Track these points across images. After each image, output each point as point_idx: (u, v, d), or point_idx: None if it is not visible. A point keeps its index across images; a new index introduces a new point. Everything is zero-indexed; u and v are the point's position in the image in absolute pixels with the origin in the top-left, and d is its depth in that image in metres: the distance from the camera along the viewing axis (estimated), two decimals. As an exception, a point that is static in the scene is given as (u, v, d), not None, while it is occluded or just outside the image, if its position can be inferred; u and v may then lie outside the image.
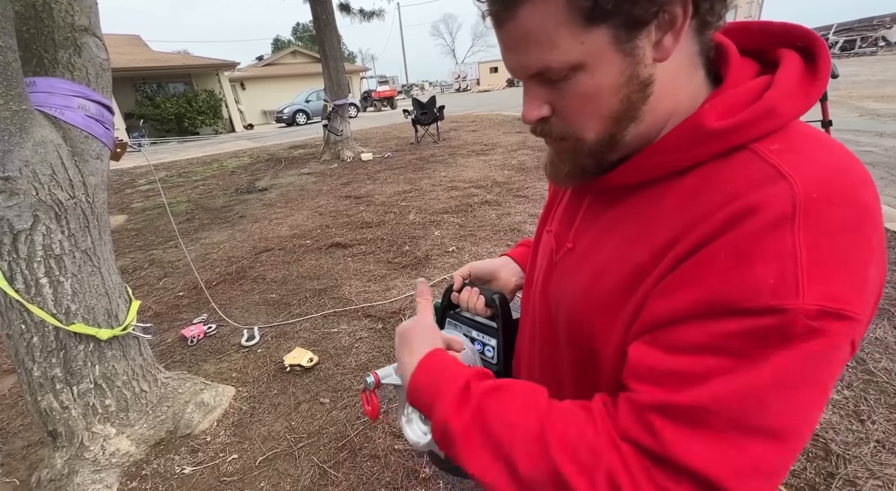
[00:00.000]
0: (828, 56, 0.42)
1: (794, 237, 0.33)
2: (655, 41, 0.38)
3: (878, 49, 20.94)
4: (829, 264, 0.33)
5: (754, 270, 0.34)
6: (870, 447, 1.42)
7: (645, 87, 0.40)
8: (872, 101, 7.66)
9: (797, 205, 0.34)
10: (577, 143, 0.44)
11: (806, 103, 0.40)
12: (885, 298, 2.15)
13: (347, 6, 9.92)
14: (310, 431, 1.79)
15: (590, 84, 0.40)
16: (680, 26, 0.37)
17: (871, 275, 0.34)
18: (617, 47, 0.38)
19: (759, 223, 0.34)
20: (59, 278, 1.47)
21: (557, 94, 0.42)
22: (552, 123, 0.45)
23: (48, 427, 1.56)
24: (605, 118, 0.42)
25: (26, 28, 1.37)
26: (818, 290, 0.32)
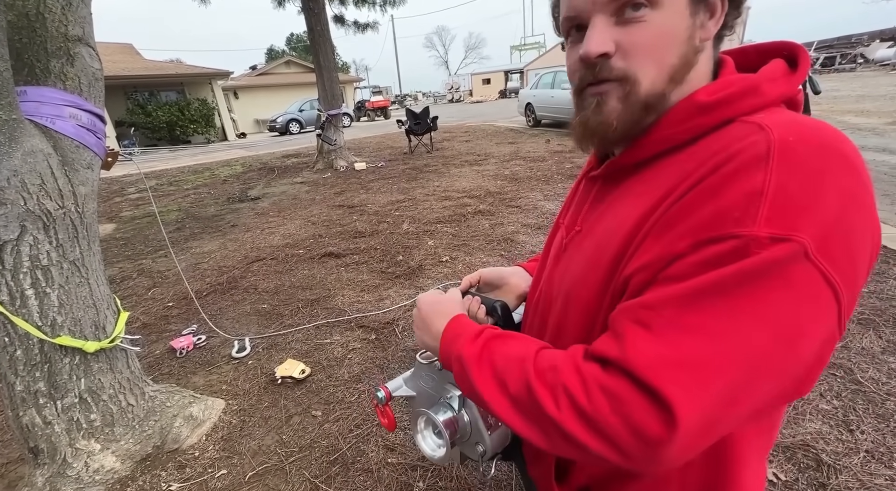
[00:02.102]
0: (807, 57, 0.47)
1: (766, 174, 0.36)
2: (703, 21, 0.45)
3: (857, 66, 21.66)
4: (794, 199, 0.35)
5: (723, 204, 0.37)
6: (860, 457, 1.43)
7: (696, 54, 0.46)
8: (853, 116, 7.89)
9: (772, 146, 0.37)
10: (633, 87, 0.45)
11: (788, 87, 0.45)
12: (870, 309, 2.19)
13: (342, 18, 10.01)
14: (301, 444, 1.76)
15: (663, 26, 0.44)
16: (719, 16, 0.46)
17: (848, 219, 0.35)
18: (689, 4, 0.44)
19: (736, 164, 0.37)
20: (46, 290, 1.44)
21: (627, 33, 0.44)
22: (611, 63, 0.45)
23: (29, 443, 1.51)
24: (664, 67, 0.45)
25: (18, 37, 1.36)
26: (777, 220, 0.34)
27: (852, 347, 1.94)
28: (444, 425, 0.60)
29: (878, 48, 21.62)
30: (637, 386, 0.35)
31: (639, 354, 0.36)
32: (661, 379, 0.34)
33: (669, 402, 0.33)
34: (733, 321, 0.35)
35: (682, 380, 0.34)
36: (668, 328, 0.36)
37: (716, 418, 0.35)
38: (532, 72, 25.37)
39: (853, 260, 0.36)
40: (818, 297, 0.35)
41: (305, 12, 7.67)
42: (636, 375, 0.35)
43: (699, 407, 0.34)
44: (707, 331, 0.35)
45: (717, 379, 0.34)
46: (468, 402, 0.62)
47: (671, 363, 0.35)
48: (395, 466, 1.61)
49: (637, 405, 0.35)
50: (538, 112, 10.72)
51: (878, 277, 2.47)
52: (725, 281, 0.35)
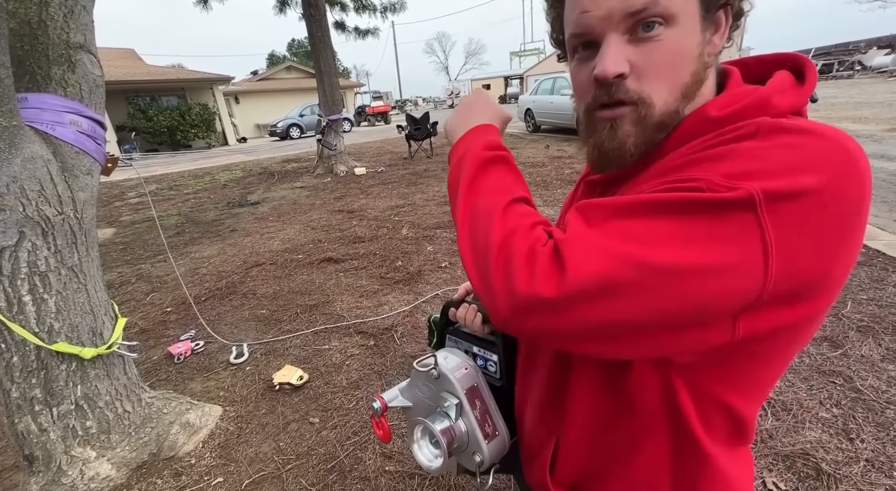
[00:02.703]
0: (814, 69, 0.47)
1: (746, 143, 0.38)
2: (710, 36, 0.46)
3: (854, 73, 21.81)
4: (761, 162, 0.36)
5: (697, 158, 0.40)
6: (860, 466, 1.42)
7: (705, 69, 0.46)
8: (851, 123, 7.93)
9: (761, 126, 0.38)
10: (646, 108, 0.45)
11: (797, 99, 0.45)
12: (869, 316, 2.19)
13: (343, 24, 10.09)
14: (298, 452, 1.75)
15: (677, 43, 0.43)
16: (724, 31, 0.46)
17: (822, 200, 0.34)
18: (700, 19, 0.44)
19: (725, 139, 0.40)
20: (44, 296, 1.44)
21: (641, 52, 0.44)
22: (626, 85, 0.45)
23: (24, 451, 1.50)
24: (676, 87, 0.45)
25: (20, 44, 1.37)
26: (735, 174, 0.36)
27: (851, 355, 1.93)
28: (441, 434, 0.60)
29: (875, 55, 21.79)
30: (553, 251, 0.39)
31: (568, 234, 0.40)
32: (571, 249, 0.38)
33: (566, 264, 0.37)
34: (656, 234, 0.36)
35: (586, 255, 0.37)
36: (599, 222, 0.39)
37: (596, 302, 0.36)
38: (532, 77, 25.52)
39: (803, 244, 0.34)
40: (747, 249, 0.34)
41: (306, 18, 7.72)
42: (557, 244, 0.39)
43: (587, 281, 0.36)
44: (628, 233, 0.37)
45: (615, 270, 0.36)
46: (465, 410, 0.61)
47: (585, 242, 0.38)
48: (393, 475, 1.60)
49: (543, 261, 0.38)
50: (537, 117, 10.77)
51: (876, 284, 2.47)
52: (666, 201, 0.37)
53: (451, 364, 0.65)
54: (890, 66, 19.72)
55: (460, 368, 0.65)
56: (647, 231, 0.37)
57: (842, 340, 2.03)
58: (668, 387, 0.45)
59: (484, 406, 0.63)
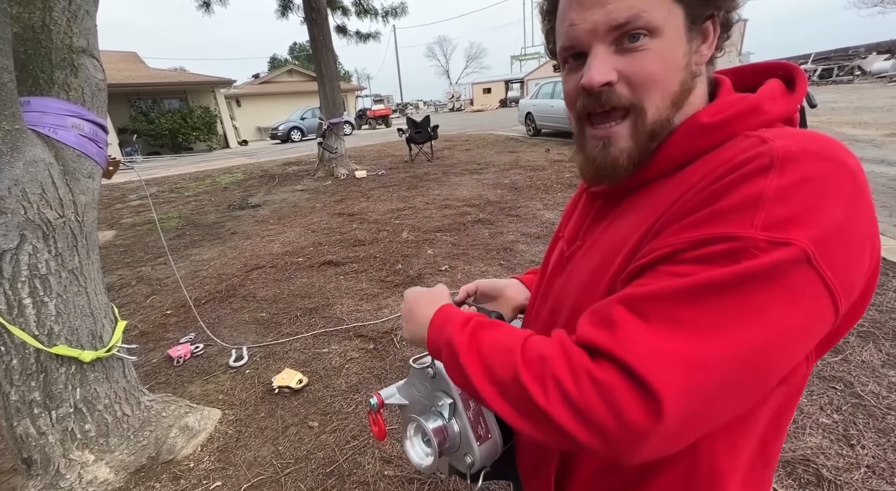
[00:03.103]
0: (804, 76, 0.48)
1: (767, 181, 0.36)
2: (697, 46, 0.46)
3: (854, 78, 21.87)
4: (794, 204, 0.36)
5: (723, 205, 0.38)
6: (860, 473, 1.42)
7: (693, 78, 0.47)
8: (850, 128, 7.95)
9: (775, 157, 0.37)
10: (638, 116, 0.46)
11: (788, 106, 0.46)
12: (869, 321, 2.18)
13: (344, 28, 10.14)
14: (297, 456, 1.75)
15: (662, 53, 0.44)
16: (712, 41, 0.47)
17: (849, 226, 0.36)
18: (685, 30, 0.45)
19: (740, 173, 0.38)
20: (44, 299, 1.44)
21: (628, 62, 0.44)
22: (616, 92, 0.46)
23: (23, 454, 1.50)
24: (667, 95, 0.46)
25: (24, 49, 1.38)
26: (775, 225, 0.35)
27: (852, 360, 1.93)
28: (434, 433, 0.60)
29: (874, 60, 21.84)
30: (626, 375, 0.35)
31: (630, 344, 0.36)
32: (650, 370, 0.34)
33: (657, 392, 0.33)
34: (727, 318, 0.35)
35: (671, 372, 0.34)
36: (662, 321, 0.36)
37: (700, 413, 0.35)
38: (532, 81, 25.61)
39: (851, 267, 0.37)
40: (815, 301, 0.35)
41: (308, 22, 7.77)
42: (626, 364, 0.35)
43: (685, 400, 0.34)
44: (701, 327, 0.35)
45: (706, 375, 0.34)
46: (459, 411, 0.61)
47: (662, 355, 0.35)
48: (392, 479, 1.59)
49: (625, 394, 0.35)
50: (538, 121, 10.81)
51: (877, 289, 2.46)
52: (724, 279, 0.35)
53: None
54: (889, 71, 19.78)
55: None
56: (716, 318, 0.35)
57: (842, 345, 2.03)
58: None
59: (478, 408, 0.63)
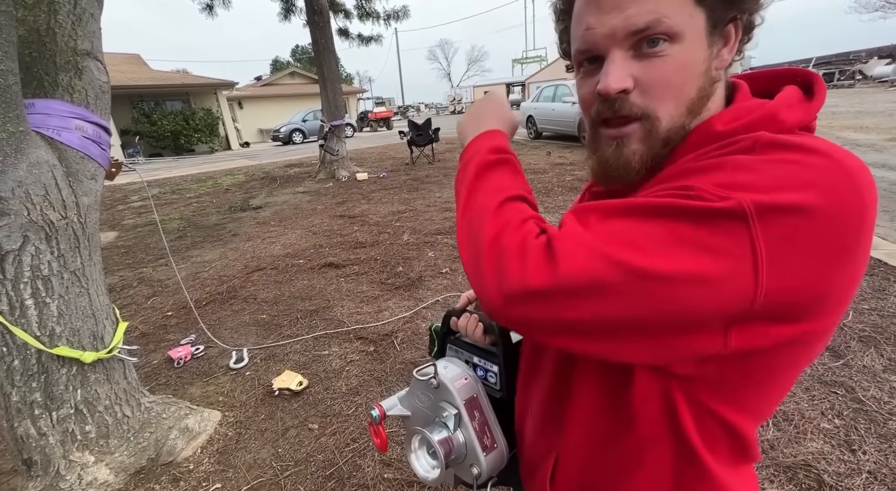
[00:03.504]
0: (823, 84, 0.47)
1: (740, 156, 0.38)
2: (718, 50, 0.45)
3: (855, 82, 21.89)
4: (753, 174, 0.36)
5: (695, 168, 0.40)
6: (862, 478, 1.41)
7: (712, 84, 0.46)
8: (852, 132, 7.95)
9: (758, 140, 0.38)
10: (651, 123, 0.45)
11: (805, 115, 0.44)
12: (871, 326, 2.18)
13: (346, 31, 10.18)
14: (297, 458, 1.74)
15: (682, 59, 0.43)
16: (733, 44, 0.46)
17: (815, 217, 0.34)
18: (706, 35, 0.44)
19: (721, 150, 0.40)
20: (46, 300, 1.44)
21: (645, 68, 0.44)
22: (631, 100, 0.45)
23: (23, 455, 1.50)
24: (682, 102, 0.45)
25: (28, 51, 1.39)
26: (727, 184, 0.36)
27: (853, 366, 1.92)
28: (439, 445, 0.59)
29: (876, 65, 21.87)
30: (546, 245, 0.39)
31: (562, 230, 0.41)
32: (562, 242, 0.39)
33: (557, 251, 0.38)
34: (647, 237, 0.37)
35: (575, 246, 0.38)
36: (593, 221, 0.40)
37: (582, 296, 0.37)
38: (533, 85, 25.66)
39: (800, 261, 0.35)
40: (735, 259, 0.34)
41: (311, 25, 7.80)
42: (550, 238, 0.40)
43: (577, 274, 0.37)
44: (616, 231, 0.38)
45: (604, 267, 0.36)
46: (464, 421, 0.61)
47: (577, 238, 0.39)
48: (392, 482, 1.59)
49: (537, 252, 0.39)
50: (539, 125, 10.82)
51: (878, 293, 2.47)
52: (659, 205, 0.38)
53: (451, 374, 0.64)
54: (891, 75, 19.78)
55: (460, 379, 0.64)
56: (636, 234, 0.37)
57: (843, 350, 2.03)
58: (668, 402, 0.44)
59: (483, 418, 0.62)
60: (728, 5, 0.43)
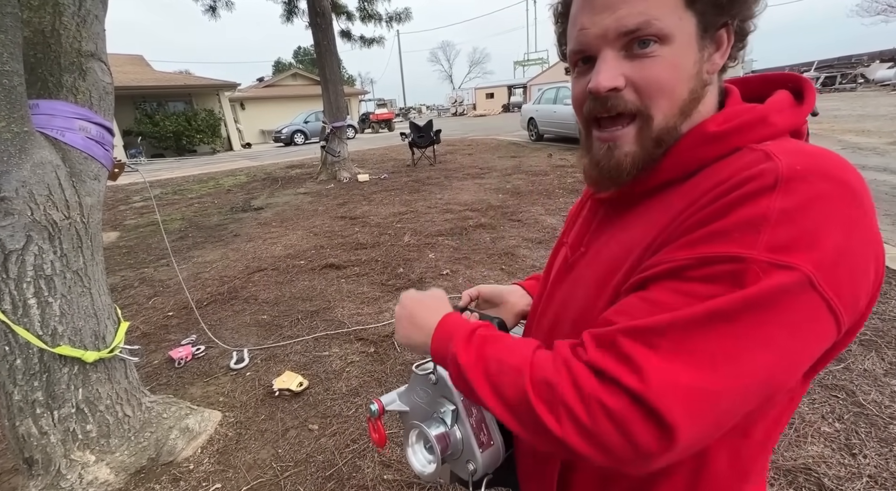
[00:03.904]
0: (812, 89, 0.48)
1: (770, 201, 0.37)
2: (709, 54, 0.46)
3: (857, 85, 21.87)
4: (797, 226, 0.36)
5: (726, 224, 0.38)
6: (862, 482, 1.41)
7: (703, 87, 0.47)
8: (853, 135, 7.94)
9: (780, 177, 0.37)
10: (644, 122, 0.46)
11: (795, 118, 0.46)
12: (872, 330, 2.18)
13: (348, 33, 10.21)
14: (297, 459, 1.75)
15: (672, 60, 0.44)
16: (725, 49, 0.46)
17: (851, 247, 0.36)
18: (697, 38, 0.44)
19: (744, 191, 0.38)
20: (48, 299, 1.45)
21: (637, 68, 0.44)
22: (624, 96, 0.46)
23: (24, 454, 1.50)
24: (675, 101, 0.45)
25: (33, 53, 1.40)
26: (779, 247, 0.35)
27: (854, 369, 1.92)
28: (436, 440, 0.60)
29: (878, 69, 21.85)
30: (638, 405, 0.35)
31: (642, 374, 0.36)
32: (662, 401, 0.35)
33: (670, 423, 0.34)
34: (737, 347, 0.35)
35: (682, 403, 0.35)
36: (671, 352, 0.36)
37: (708, 434, 0.37)
38: (535, 87, 25.70)
39: (855, 287, 0.37)
40: (819, 324, 0.36)
41: (313, 27, 7.83)
42: (639, 395, 0.35)
43: (696, 428, 0.35)
44: (710, 357, 0.36)
45: (717, 403, 0.36)
46: (461, 417, 0.61)
47: (673, 387, 0.35)
48: (392, 484, 1.59)
49: (638, 424, 0.35)
50: (540, 127, 10.84)
51: (880, 297, 2.46)
52: (730, 307, 0.36)
53: None
54: (892, 79, 19.77)
55: None
56: (724, 348, 0.35)
57: (844, 353, 2.02)
58: None
59: (480, 414, 0.63)
60: (719, 11, 0.44)
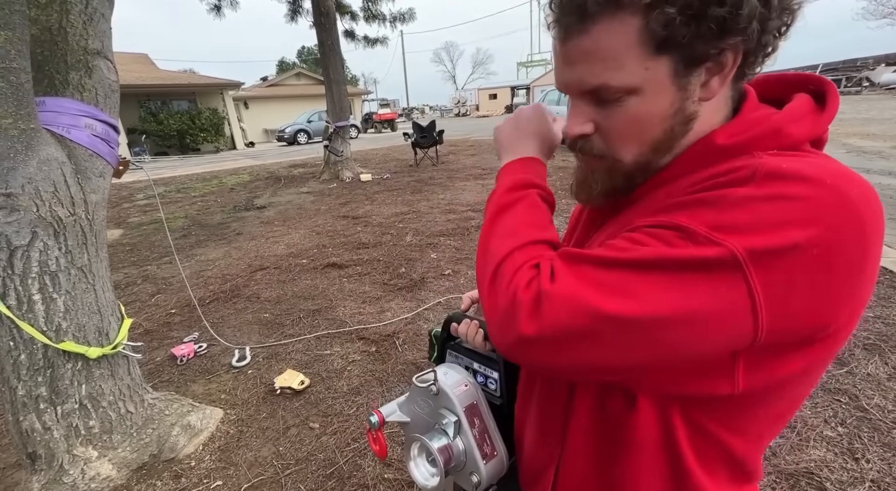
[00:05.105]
0: (836, 94, 0.44)
1: (737, 190, 0.37)
2: (704, 81, 0.41)
3: (862, 89, 21.76)
4: (750, 212, 0.35)
5: (689, 202, 0.39)
6: (864, 487, 1.40)
7: (688, 122, 0.44)
8: (858, 139, 7.91)
9: (758, 171, 0.37)
10: (615, 163, 0.47)
11: (815, 128, 0.43)
12: (875, 334, 2.16)
13: (352, 33, 10.23)
14: (298, 457, 1.75)
15: (640, 109, 0.42)
16: (728, 71, 0.41)
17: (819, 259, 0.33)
18: (674, 79, 0.41)
19: (719, 181, 0.39)
20: (53, 295, 1.46)
21: (604, 115, 0.44)
22: (593, 141, 0.47)
23: (28, 449, 1.51)
24: (645, 144, 0.45)
25: (40, 50, 1.41)
26: (718, 226, 0.35)
27: (857, 373, 1.91)
28: (439, 452, 0.58)
29: (883, 72, 21.73)
30: (537, 295, 0.40)
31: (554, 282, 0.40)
32: (548, 297, 0.39)
33: (542, 307, 0.39)
34: (636, 289, 0.36)
35: (559, 301, 0.38)
36: (582, 272, 0.40)
37: (568, 343, 0.38)
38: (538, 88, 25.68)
39: (804, 299, 0.34)
40: (732, 305, 0.35)
41: (317, 27, 7.85)
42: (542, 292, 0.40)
43: (556, 323, 0.38)
44: (611, 287, 0.37)
45: (581, 316, 0.37)
46: (464, 428, 0.60)
47: (561, 288, 0.39)
48: (392, 483, 1.59)
49: (527, 303, 0.40)
50: (543, 128, 10.80)
51: (883, 301, 2.45)
52: (650, 257, 0.37)
53: (451, 380, 0.64)
54: (898, 82, 19.68)
55: (460, 385, 0.63)
56: (627, 284, 0.37)
57: (847, 357, 2.01)
58: (665, 422, 0.44)
59: (483, 425, 0.62)
60: (716, 38, 0.38)
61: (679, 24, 0.37)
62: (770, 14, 0.38)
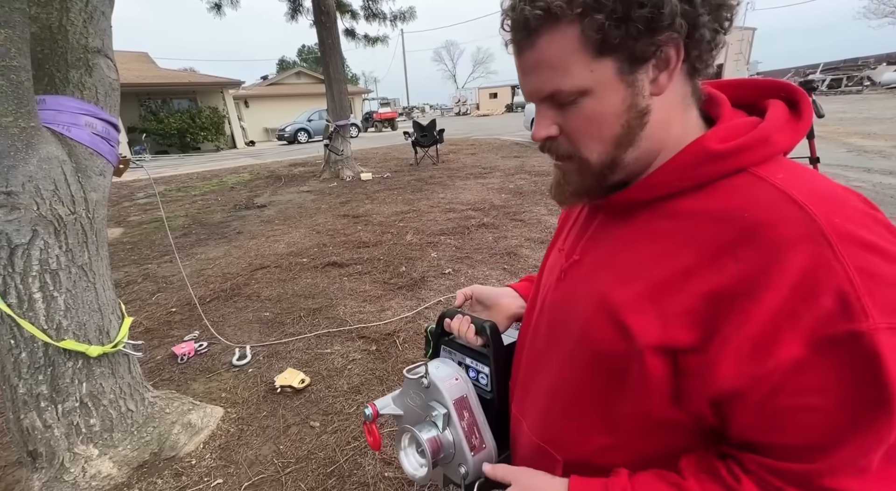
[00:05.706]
0: (808, 102, 0.48)
1: (841, 264, 0.35)
2: (653, 77, 0.44)
3: (863, 88, 21.74)
4: (878, 282, 0.35)
5: (820, 302, 0.35)
6: None
7: (642, 116, 0.46)
8: (859, 138, 7.90)
9: (825, 233, 0.36)
10: (581, 162, 0.49)
11: (794, 137, 0.46)
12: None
13: (353, 32, 10.23)
14: (298, 455, 1.75)
15: (595, 108, 0.45)
16: (673, 67, 0.44)
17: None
18: (621, 77, 0.44)
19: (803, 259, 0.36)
20: (53, 293, 1.46)
21: (565, 117, 0.47)
22: (559, 143, 0.50)
23: (28, 447, 1.51)
24: (606, 141, 0.47)
25: (41, 48, 1.41)
26: (885, 307, 0.35)
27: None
28: (428, 443, 0.60)
29: (884, 71, 21.71)
30: None
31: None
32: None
33: None
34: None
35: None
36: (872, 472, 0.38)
37: None
38: (539, 87, 25.54)
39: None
40: None
41: (317, 25, 7.85)
42: None
43: None
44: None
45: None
46: (453, 421, 0.61)
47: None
48: (392, 481, 1.59)
49: None
50: (544, 127, 10.79)
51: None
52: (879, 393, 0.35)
53: (442, 374, 0.65)
54: (899, 82, 19.65)
55: (450, 379, 0.65)
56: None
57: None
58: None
59: (472, 418, 0.63)
60: (647, 36, 0.40)
61: (609, 27, 0.40)
62: (696, 10, 0.40)
